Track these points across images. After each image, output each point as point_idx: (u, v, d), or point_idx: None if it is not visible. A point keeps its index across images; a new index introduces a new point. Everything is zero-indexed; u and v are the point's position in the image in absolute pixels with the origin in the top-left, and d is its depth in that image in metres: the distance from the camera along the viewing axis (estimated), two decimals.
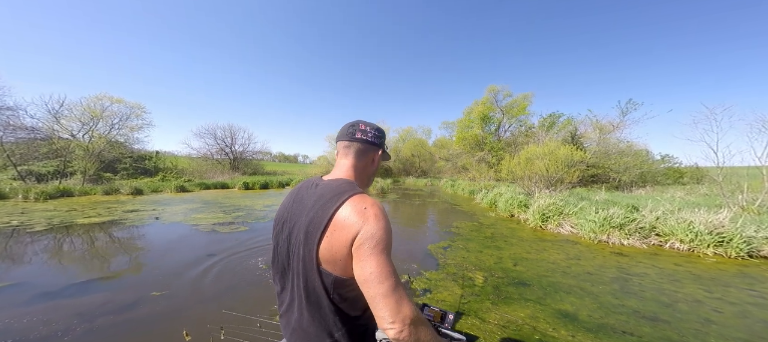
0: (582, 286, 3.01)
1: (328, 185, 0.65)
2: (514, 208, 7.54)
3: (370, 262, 0.51)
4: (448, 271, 3.35)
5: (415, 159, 30.97)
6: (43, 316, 2.12)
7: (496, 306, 2.50)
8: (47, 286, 2.61)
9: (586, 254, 4.22)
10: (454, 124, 29.10)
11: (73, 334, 1.90)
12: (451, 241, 4.80)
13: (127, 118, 14.94)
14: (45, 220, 5.60)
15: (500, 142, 21.78)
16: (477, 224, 6.44)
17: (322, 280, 0.57)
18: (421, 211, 8.55)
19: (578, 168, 9.34)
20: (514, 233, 5.58)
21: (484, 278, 3.16)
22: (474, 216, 7.61)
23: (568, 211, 6.04)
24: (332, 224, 0.56)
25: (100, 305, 2.32)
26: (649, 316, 2.39)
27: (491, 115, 22.80)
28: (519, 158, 10.23)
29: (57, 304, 2.32)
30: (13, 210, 6.79)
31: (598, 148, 15.03)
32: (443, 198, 12.35)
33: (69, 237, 4.50)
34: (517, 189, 9.86)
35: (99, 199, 9.32)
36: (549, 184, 8.90)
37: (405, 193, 14.04)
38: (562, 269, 3.53)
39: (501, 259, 3.88)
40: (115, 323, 2.06)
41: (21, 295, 2.43)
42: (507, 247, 4.56)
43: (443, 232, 5.55)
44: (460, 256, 4.00)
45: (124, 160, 15.96)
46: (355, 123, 0.74)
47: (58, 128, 13.60)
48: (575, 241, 5.05)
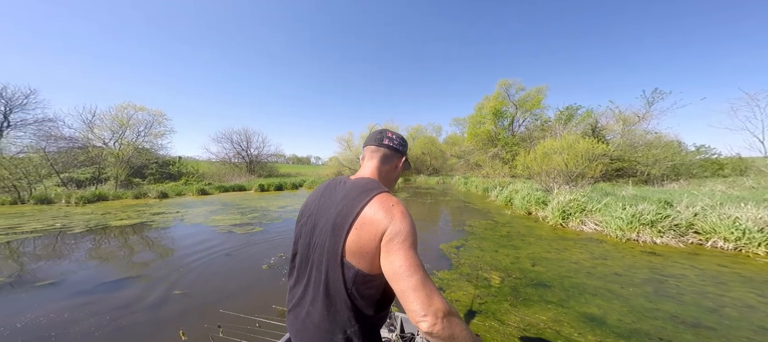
0: (610, 288, 2.79)
1: (357, 183, 0.69)
2: (532, 206, 7.21)
3: (399, 256, 0.53)
4: (461, 271, 3.22)
5: (425, 157, 30.61)
6: (79, 312, 2.25)
7: (515, 308, 2.36)
8: (84, 284, 2.78)
9: (613, 254, 3.92)
10: (464, 121, 28.46)
11: (104, 331, 1.99)
12: (464, 240, 4.64)
13: (150, 125, 15.90)
14: (83, 223, 6.04)
15: (514, 138, 21.01)
16: (492, 223, 6.21)
17: (343, 273, 0.59)
18: (433, 209, 8.39)
19: (601, 162, 8.77)
20: (532, 231, 5.32)
21: (501, 279, 3.01)
22: (488, 214, 7.36)
23: (592, 207, 5.67)
24: (361, 218, 0.59)
25: (128, 303, 2.43)
26: (691, 321, 2.16)
27: (504, 110, 22.05)
28: (535, 153, 9.79)
29: (92, 300, 2.46)
30: (57, 214, 7.39)
31: (623, 140, 14.09)
32: (456, 196, 12.08)
33: (104, 238, 4.82)
34: (534, 185, 9.43)
35: (129, 202, 9.96)
36: (569, 180, 8.43)
37: (416, 192, 13.88)
38: (587, 270, 3.30)
39: (518, 259, 3.69)
40: (140, 321, 2.15)
41: (62, 292, 2.60)
42: (524, 246, 4.34)
43: (456, 231, 5.39)
44: (475, 255, 3.85)
45: (151, 166, 16.97)
46: (383, 131, 0.80)
47: (92, 137, 14.72)
48: (600, 239, 4.72)
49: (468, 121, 25.27)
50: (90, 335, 1.93)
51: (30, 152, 12.50)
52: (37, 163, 11.52)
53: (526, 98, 21.35)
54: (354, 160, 24.96)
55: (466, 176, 20.18)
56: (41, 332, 1.95)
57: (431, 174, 28.43)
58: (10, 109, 15.20)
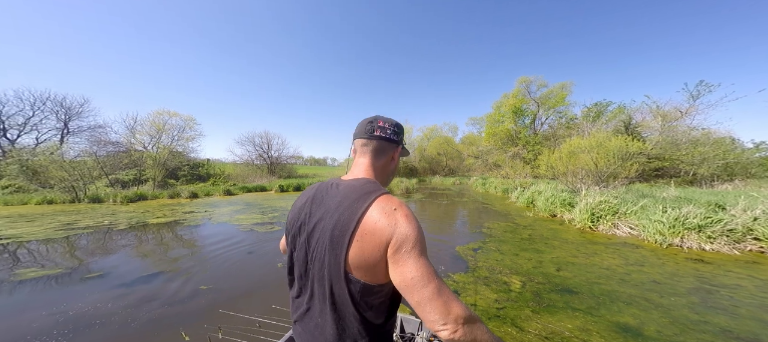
0: (647, 296, 2.54)
1: (351, 185, 0.61)
2: (557, 208, 6.78)
3: (410, 266, 0.50)
4: (479, 275, 3.11)
5: (441, 157, 30.07)
6: (120, 303, 2.48)
7: (537, 314, 2.23)
8: (125, 277, 3.07)
9: (652, 260, 3.57)
10: (482, 120, 27.58)
11: (139, 322, 2.17)
12: (482, 243, 4.48)
13: (182, 130, 17.26)
14: (126, 221, 6.69)
15: (537, 136, 19.96)
16: (512, 225, 5.93)
17: (349, 288, 0.54)
18: (449, 211, 8.20)
19: (636, 161, 8.04)
20: (557, 235, 5.00)
21: (522, 283, 2.86)
22: (508, 216, 7.04)
23: (626, 210, 5.22)
24: (361, 229, 0.53)
25: (161, 296, 2.65)
26: (747, 337, 1.90)
27: (524, 107, 21.07)
28: (560, 152, 9.22)
29: (130, 292, 2.71)
30: (106, 211, 8.27)
31: (662, 138, 12.82)
32: (473, 197, 11.71)
33: (143, 234, 5.30)
34: (560, 186, 8.87)
35: (165, 202, 10.87)
36: (599, 180, 7.83)
37: (432, 193, 13.66)
38: (620, 276, 3.03)
39: (541, 263, 3.49)
40: (170, 314, 2.33)
41: (106, 284, 2.89)
42: (548, 249, 4.09)
43: (473, 233, 5.22)
44: (493, 258, 3.70)
45: (183, 168, 18.38)
46: (373, 119, 0.69)
47: (134, 141, 16.29)
48: (636, 244, 4.32)
49: (486, 120, 24.45)
50: (127, 325, 2.11)
51: (85, 156, 14.13)
52: (90, 166, 12.97)
53: (548, 95, 20.24)
54: None
55: (485, 177, 19.50)
56: (88, 320, 2.17)
57: (447, 174, 27.86)
58: (69, 117, 17.36)
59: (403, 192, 13.29)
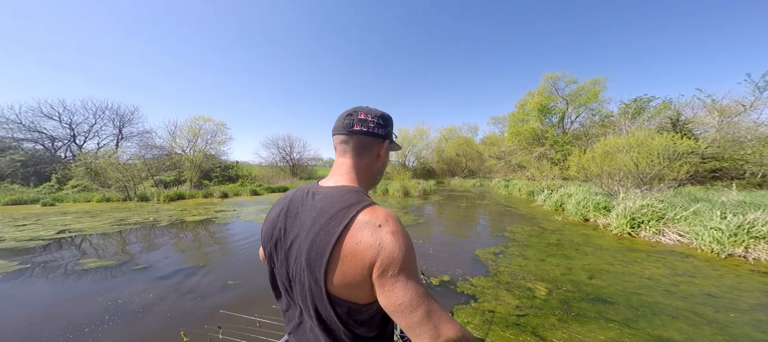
0: (699, 310, 2.24)
1: (329, 196, 0.53)
2: (589, 211, 6.26)
3: (397, 290, 0.45)
4: (499, 279, 2.97)
5: (460, 158, 29.22)
6: (159, 293, 2.74)
7: (564, 324, 2.08)
8: (164, 270, 3.39)
9: (706, 271, 3.14)
10: (504, 119, 26.39)
11: (174, 312, 2.36)
12: (504, 247, 4.27)
13: (215, 134, 18.75)
14: (167, 218, 7.42)
15: (566, 136, 18.62)
16: (538, 229, 5.58)
17: (334, 310, 0.49)
18: (468, 213, 7.94)
19: (686, 161, 7.14)
20: (589, 240, 4.60)
21: (548, 290, 2.68)
22: (534, 220, 6.63)
23: (674, 215, 4.66)
24: (341, 250, 0.47)
25: (194, 289, 2.90)
26: None
27: (551, 105, 19.77)
28: (593, 152, 8.50)
29: (169, 285, 2.98)
30: (151, 209, 9.26)
31: (720, 135, 11.25)
32: (495, 199, 11.21)
33: (180, 231, 5.84)
34: (593, 188, 8.18)
35: (200, 201, 11.87)
36: (640, 183, 7.08)
37: (450, 195, 13.32)
38: (665, 287, 2.71)
39: (570, 270, 3.23)
40: (201, 306, 2.55)
41: (149, 275, 3.21)
42: (579, 256, 3.78)
43: (495, 237, 5.00)
44: (516, 263, 3.51)
45: (216, 169, 19.96)
46: (353, 111, 0.59)
47: (174, 145, 18.04)
48: (687, 253, 3.84)
49: (508, 120, 23.35)
50: (164, 315, 2.30)
51: (135, 159, 15.94)
52: (139, 168, 14.60)
53: (578, 92, 18.81)
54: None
55: (507, 178, 18.58)
56: (133, 308, 2.41)
57: (467, 176, 26.98)
58: (123, 124, 19.76)
59: (420, 193, 13.12)
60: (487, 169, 27.45)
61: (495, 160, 25.03)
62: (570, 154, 12.51)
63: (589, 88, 18.31)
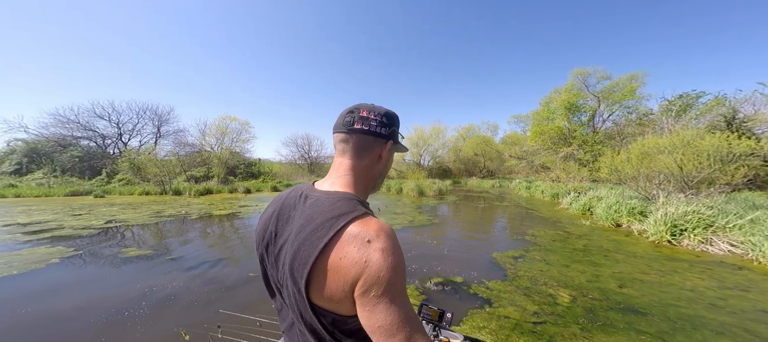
0: (749, 327, 1.96)
1: (320, 202, 0.50)
2: (622, 216, 5.75)
3: (378, 312, 0.41)
4: (518, 284, 2.82)
5: (479, 158, 28.28)
6: (188, 283, 2.94)
7: (587, 333, 1.92)
8: (193, 260, 3.63)
9: (763, 285, 2.75)
10: (527, 118, 25.06)
11: (200, 301, 2.52)
12: (524, 251, 4.05)
13: (240, 133, 19.83)
14: (197, 211, 7.99)
15: (596, 135, 17.27)
16: (562, 233, 5.23)
17: (319, 320, 0.48)
18: (486, 215, 7.65)
19: (743, 164, 6.28)
20: (621, 247, 4.23)
21: (572, 298, 2.49)
22: (558, 223, 6.23)
23: (726, 223, 4.14)
24: (324, 264, 0.44)
25: (219, 280, 3.08)
26: None
27: (581, 103, 18.42)
28: (628, 153, 7.79)
29: (196, 275, 3.18)
30: (183, 202, 10.03)
31: None
32: (515, 201, 10.70)
33: (208, 224, 6.25)
34: (627, 192, 7.50)
35: (226, 196, 12.64)
36: (684, 187, 6.36)
37: (467, 196, 12.94)
38: (710, 301, 2.41)
39: (598, 277, 2.99)
40: (224, 297, 2.71)
41: (180, 265, 3.46)
42: (608, 263, 3.48)
43: (514, 241, 4.76)
44: (537, 268, 3.31)
45: (240, 166, 21.14)
46: (355, 108, 0.55)
47: (204, 143, 19.34)
48: (739, 265, 3.39)
49: (531, 118, 22.15)
50: (192, 303, 2.46)
51: (170, 156, 17.33)
52: (174, 164, 15.86)
53: (612, 88, 17.35)
54: (400, 161, 25.11)
55: (529, 180, 17.66)
56: (166, 295, 2.60)
57: (485, 176, 26.08)
58: (161, 123, 21.57)
59: (435, 193, 12.89)
60: (508, 170, 26.31)
61: (516, 160, 23.89)
62: (601, 155, 11.56)
63: (624, 85, 16.81)
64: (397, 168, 23.56)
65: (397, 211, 7.97)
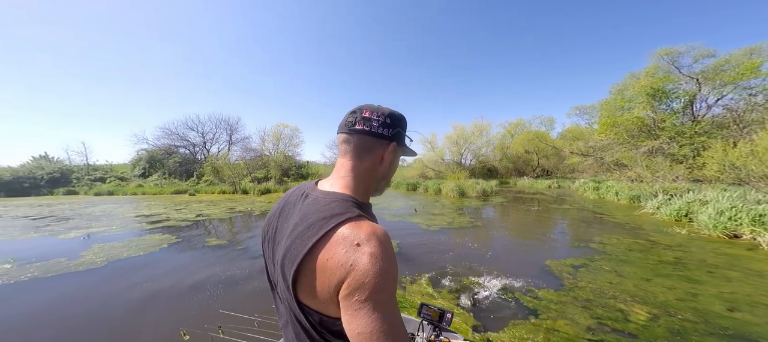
0: None
1: (315, 201, 0.50)
2: (742, 225, 4.37)
3: (359, 318, 0.39)
4: (576, 295, 2.42)
5: (530, 156, 25.27)
6: (253, 270, 3.38)
7: None
8: (256, 252, 4.17)
9: None
10: (593, 109, 21.32)
11: (263, 289, 2.72)
12: (588, 260, 3.45)
13: (291, 138, 22.27)
14: (260, 208, 9.27)
15: (698, 124, 13.55)
16: (644, 243, 4.25)
17: (307, 319, 0.47)
18: (541, 218, 6.77)
19: None
20: (737, 263, 3.21)
21: (652, 316, 2.02)
22: (638, 231, 5.10)
23: None
24: (311, 262, 0.44)
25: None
26: None
27: (670, 88, 14.71)
28: (753, 145, 5.88)
29: (259, 264, 3.67)
30: (249, 200, 11.76)
31: None
32: (579, 204, 9.17)
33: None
34: (752, 194, 5.66)
35: (281, 194, 14.32)
36: None
37: (517, 197, 11.66)
38: None
39: (695, 297, 2.34)
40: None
41: (246, 255, 4.04)
42: (714, 281, 2.69)
43: (576, 248, 4.09)
44: (605, 279, 2.78)
45: (292, 168, 23.73)
46: (358, 109, 0.54)
47: (263, 148, 22.34)
48: None
49: (599, 109, 18.73)
50: (254, 290, 2.78)
51: (239, 160, 20.56)
52: (242, 167, 18.77)
53: (719, 67, 13.37)
54: (438, 161, 24.27)
55: (598, 179, 14.92)
56: (235, 281, 3.02)
57: (539, 176, 23.11)
58: (232, 132, 25.80)
59: (478, 194, 12.00)
60: (568, 168, 22.80)
61: (580, 157, 20.50)
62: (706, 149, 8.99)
63: (739, 61, 12.75)
64: (435, 168, 22.88)
65: (435, 212, 7.73)
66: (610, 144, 17.05)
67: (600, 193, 11.40)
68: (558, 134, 25.63)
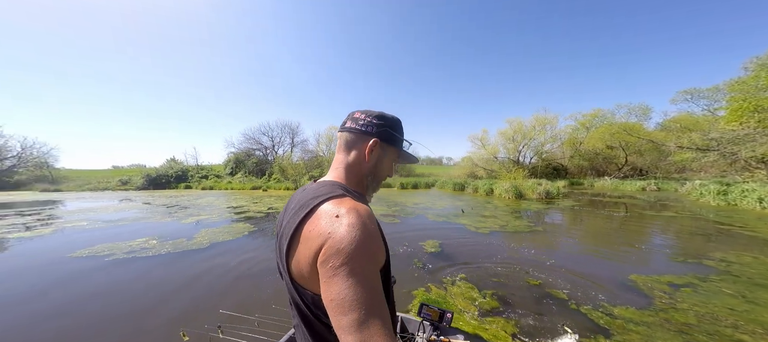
0: None
1: (310, 189, 0.55)
2: None
3: (333, 283, 0.39)
4: (670, 317, 1.92)
5: (614, 151, 20.61)
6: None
7: None
8: None
9: None
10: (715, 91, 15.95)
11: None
12: (698, 279, 2.66)
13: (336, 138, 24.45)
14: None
15: None
16: None
17: (303, 300, 0.48)
18: (628, 227, 5.50)
19: None
20: None
21: None
22: None
23: None
24: (298, 236, 0.47)
25: None
26: None
27: None
28: None
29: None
30: None
31: None
32: (693, 211, 7.03)
33: None
34: None
35: None
36: None
37: (593, 201, 9.70)
38: None
39: None
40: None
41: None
42: None
43: (681, 264, 3.20)
44: (723, 304, 2.11)
45: None
46: (352, 112, 0.62)
47: (318, 149, 24.85)
48: None
49: (727, 90, 13.91)
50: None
51: (299, 161, 23.45)
52: (301, 167, 21.36)
53: None
54: (490, 159, 22.17)
55: (726, 181, 11.05)
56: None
57: (628, 176, 18.64)
58: (293, 135, 29.55)
59: (540, 196, 10.46)
60: (674, 167, 17.69)
61: (694, 152, 15.64)
62: None
63: None
64: (486, 167, 21.02)
65: (486, 214, 7.13)
66: (752, 134, 12.42)
67: (728, 199, 8.44)
68: (658, 125, 20.05)
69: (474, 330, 1.85)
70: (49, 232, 5.36)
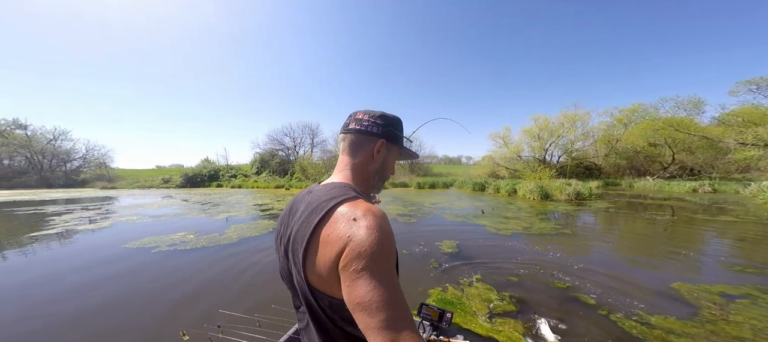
0: None
1: (319, 191, 0.54)
2: None
3: (358, 286, 0.40)
4: (719, 330, 1.72)
5: (658, 149, 18.54)
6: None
7: None
8: None
9: None
10: None
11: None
12: (759, 291, 2.34)
13: None
14: None
15: None
16: None
17: (318, 304, 0.48)
18: (674, 231, 4.95)
19: None
20: None
21: None
22: None
23: None
24: (315, 240, 0.47)
25: None
26: None
27: None
28: None
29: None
30: None
31: None
32: (757, 216, 6.13)
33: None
34: None
35: None
36: None
37: (631, 203, 8.81)
38: None
39: None
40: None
41: None
42: None
43: (735, 273, 2.82)
44: None
45: None
46: (354, 112, 0.62)
47: (336, 149, 25.42)
48: None
49: None
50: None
51: (319, 161, 24.23)
52: (321, 166, 22.08)
53: None
54: (513, 158, 21.06)
55: None
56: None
57: (674, 176, 16.66)
58: (313, 136, 30.61)
59: (569, 197, 9.75)
60: (735, 166, 15.48)
61: (762, 149, 13.57)
62: None
63: None
64: (508, 166, 20.02)
65: (508, 215, 6.81)
66: None
67: None
68: (713, 119, 17.65)
69: (487, 332, 1.80)
70: (108, 225, 6.14)
